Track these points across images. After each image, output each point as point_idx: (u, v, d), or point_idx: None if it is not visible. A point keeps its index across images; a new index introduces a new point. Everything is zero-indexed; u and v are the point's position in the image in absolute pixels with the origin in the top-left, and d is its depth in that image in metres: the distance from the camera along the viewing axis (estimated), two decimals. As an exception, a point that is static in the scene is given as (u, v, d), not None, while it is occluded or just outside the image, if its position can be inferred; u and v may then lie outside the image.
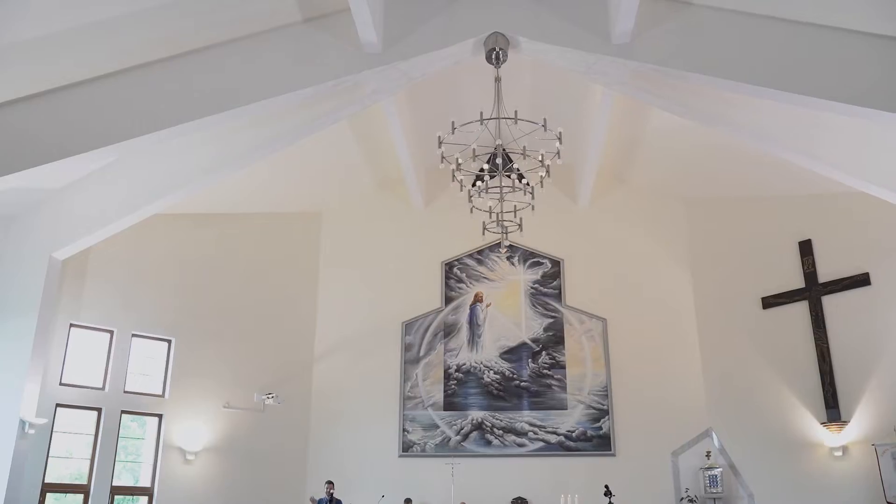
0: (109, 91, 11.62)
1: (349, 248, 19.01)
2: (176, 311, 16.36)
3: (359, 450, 17.21)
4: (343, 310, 18.44)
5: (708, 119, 12.96)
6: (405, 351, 18.10)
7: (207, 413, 16.23)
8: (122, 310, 15.65)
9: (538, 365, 17.74)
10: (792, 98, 10.81)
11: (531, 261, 18.55)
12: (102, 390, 15.17)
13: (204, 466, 15.94)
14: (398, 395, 17.73)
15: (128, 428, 15.53)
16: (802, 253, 16.18)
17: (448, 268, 18.68)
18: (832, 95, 10.43)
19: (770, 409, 15.94)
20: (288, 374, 17.48)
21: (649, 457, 16.60)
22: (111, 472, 14.80)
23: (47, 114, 11.46)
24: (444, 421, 17.50)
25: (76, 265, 14.98)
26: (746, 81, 10.92)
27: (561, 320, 18.06)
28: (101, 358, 15.39)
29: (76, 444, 14.82)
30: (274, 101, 11.89)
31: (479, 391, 17.64)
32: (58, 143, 11.40)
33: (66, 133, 11.47)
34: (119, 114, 11.53)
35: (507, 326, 18.13)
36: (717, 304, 17.38)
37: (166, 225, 16.28)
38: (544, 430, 17.24)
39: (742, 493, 15.98)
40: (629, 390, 17.34)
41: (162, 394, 15.96)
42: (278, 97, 11.79)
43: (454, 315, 18.32)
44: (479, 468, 16.84)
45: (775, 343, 16.21)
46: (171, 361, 16.17)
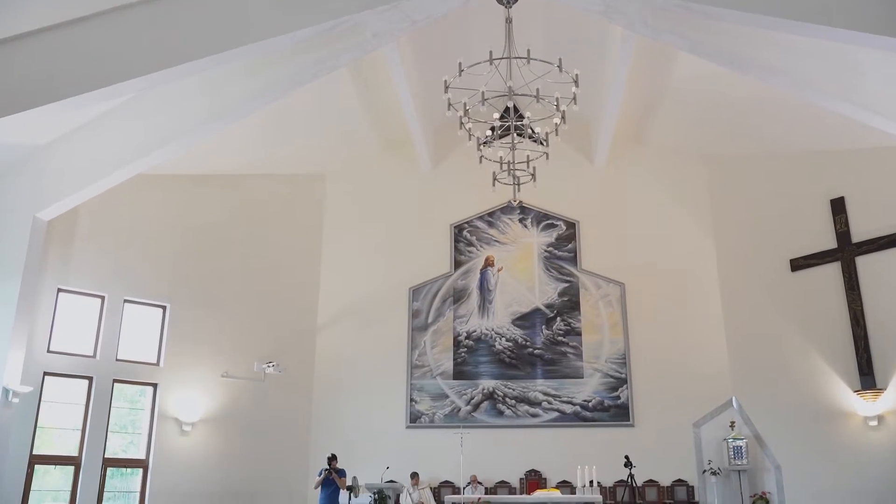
0: (93, 34, 10.74)
1: (354, 211, 18.21)
2: (171, 275, 15.61)
3: (364, 421, 16.53)
4: (348, 275, 17.67)
5: (738, 63, 11.95)
6: (413, 318, 17.34)
7: (205, 382, 15.54)
8: (113, 274, 14.89)
9: (552, 332, 16.92)
10: (836, 35, 9.78)
11: (545, 223, 17.67)
12: (93, 358, 14.46)
13: (201, 438, 15.26)
14: (405, 364, 17.00)
15: (121, 398, 14.79)
16: (834, 211, 15.24)
17: (457, 231, 17.83)
18: (882, 30, 9.41)
19: (798, 377, 15.09)
20: (290, 342, 16.77)
21: (670, 427, 15.88)
22: (103, 443, 14.14)
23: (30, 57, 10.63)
24: (454, 390, 16.74)
25: (64, 227, 14.21)
26: (785, 16, 9.86)
27: (576, 285, 17.20)
28: (91, 325, 14.64)
29: (66, 414, 14.12)
30: (267, 45, 10.98)
31: (491, 359, 16.87)
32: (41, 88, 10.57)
33: (48, 78, 10.64)
34: (103, 58, 10.65)
35: (520, 291, 17.29)
36: (741, 268, 16.49)
37: (162, 185, 15.54)
38: (559, 400, 16.46)
39: (768, 465, 15.27)
40: (648, 358, 16.54)
41: (156, 362, 15.25)
42: (272, 40, 10.86)
43: (464, 280, 17.50)
44: (491, 440, 16.14)
45: (804, 307, 15.32)
46: (165, 329, 15.44)
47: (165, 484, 14.47)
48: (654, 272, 16.99)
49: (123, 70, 10.67)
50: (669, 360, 16.37)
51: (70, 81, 10.66)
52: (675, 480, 15.78)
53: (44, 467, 13.66)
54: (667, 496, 15.64)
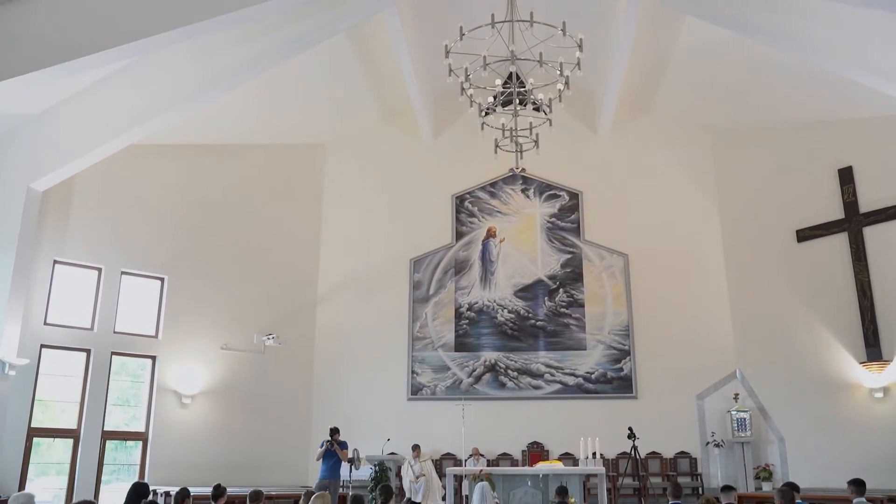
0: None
1: (354, 181, 17.93)
2: (169, 247, 15.40)
3: (365, 393, 16.42)
4: (348, 246, 17.46)
5: (745, 28, 11.71)
6: (414, 289, 17.15)
7: (204, 355, 15.40)
8: (110, 246, 14.68)
9: (555, 303, 16.73)
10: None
11: (548, 193, 17.41)
12: (91, 331, 14.31)
13: (201, 411, 15.16)
14: (406, 336, 16.85)
15: (120, 370, 14.67)
16: (842, 181, 14.97)
17: (459, 201, 17.58)
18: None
19: (803, 349, 14.92)
20: (290, 314, 16.61)
21: (673, 399, 15.76)
22: (102, 416, 14.03)
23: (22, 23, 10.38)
24: (456, 362, 16.61)
25: (59, 197, 13.98)
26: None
27: (579, 256, 16.98)
28: (88, 297, 14.46)
29: (64, 387, 13.99)
30: (263, 9, 10.69)
31: (493, 331, 16.70)
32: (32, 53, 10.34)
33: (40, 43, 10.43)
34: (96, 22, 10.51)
35: (522, 263, 17.07)
36: (746, 238, 16.24)
37: (159, 156, 15.28)
38: (562, 372, 16.32)
39: (772, 437, 15.24)
40: (652, 330, 16.36)
41: (155, 335, 15.09)
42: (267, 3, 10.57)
43: (465, 251, 17.28)
44: (493, 412, 16.03)
45: (810, 278, 15.12)
46: (164, 301, 15.26)
47: (165, 456, 14.39)
48: (658, 243, 16.74)
49: (116, 35, 10.50)
50: (673, 331, 16.18)
51: (62, 47, 10.49)
52: (678, 452, 15.68)
53: (43, 440, 13.57)
54: (669, 468, 15.56)
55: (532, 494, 11.90)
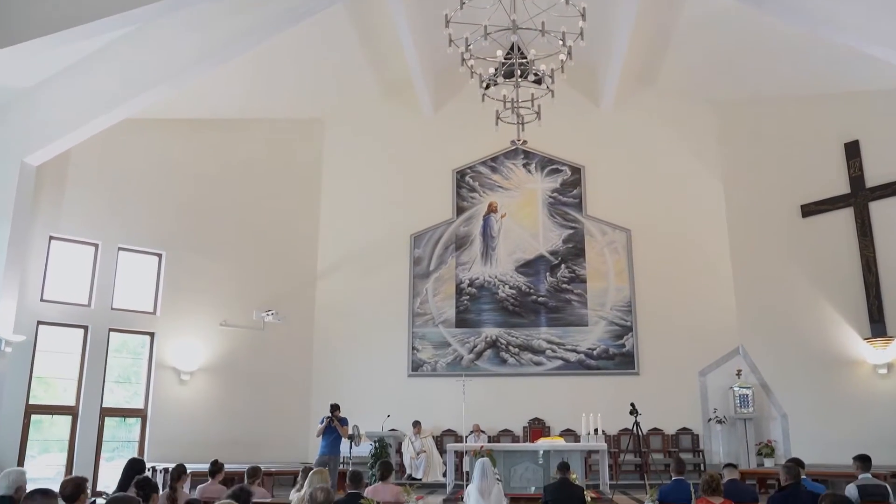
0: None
1: (354, 156, 17.71)
2: (167, 223, 15.22)
3: (366, 369, 16.32)
4: (348, 222, 17.29)
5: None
6: (414, 265, 17.00)
7: (203, 331, 15.28)
8: (107, 221, 14.50)
9: (557, 279, 16.58)
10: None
11: (549, 168, 17.19)
12: (88, 307, 14.17)
13: (200, 387, 15.07)
14: (407, 312, 16.73)
15: (119, 347, 14.55)
16: (848, 155, 14.77)
17: (460, 176, 17.38)
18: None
19: (807, 325, 14.80)
20: (289, 290, 16.47)
21: (675, 376, 15.69)
22: (100, 392, 13.93)
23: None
24: (456, 339, 16.50)
25: (54, 172, 13.79)
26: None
27: (581, 231, 16.80)
28: (85, 273, 14.30)
29: (62, 364, 13.88)
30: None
31: (494, 307, 16.57)
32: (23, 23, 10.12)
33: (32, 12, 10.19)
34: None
35: (524, 238, 16.90)
36: (750, 213, 16.06)
37: (155, 130, 15.07)
38: (563, 348, 16.21)
39: (775, 414, 15.19)
40: (654, 306, 16.22)
41: (153, 311, 14.95)
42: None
43: (466, 226, 17.10)
44: (494, 388, 15.92)
45: (814, 253, 14.97)
46: (161, 277, 15.11)
47: (165, 433, 14.31)
48: (660, 218, 16.56)
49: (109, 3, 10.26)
50: (676, 307, 16.05)
51: (54, 16, 10.34)
52: (680, 429, 15.61)
53: (41, 417, 13.49)
54: (671, 444, 15.49)
55: (533, 470, 11.83)
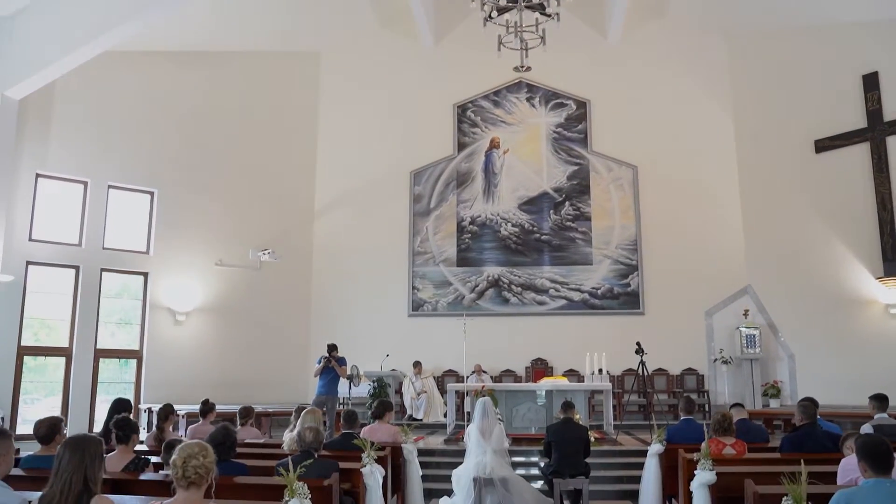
0: None
1: (351, 91, 17.06)
2: (158, 159, 14.74)
3: (365, 309, 16.03)
4: (346, 159, 16.77)
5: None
6: (414, 203, 16.56)
7: (198, 271, 14.94)
8: (96, 158, 14.02)
9: (561, 216, 16.15)
10: None
11: (554, 102, 16.61)
12: (79, 247, 13.79)
13: (196, 328, 14.80)
14: (407, 251, 16.35)
15: (111, 287, 14.22)
16: (866, 87, 14.22)
17: (461, 111, 16.81)
18: None
19: (817, 264, 14.42)
20: (286, 229, 16.08)
21: (681, 316, 15.40)
22: (94, 334, 13.64)
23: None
24: (457, 278, 16.15)
25: (39, 106, 13.27)
26: None
27: (586, 168, 16.30)
28: (75, 212, 13.87)
29: (54, 305, 13.57)
30: None
31: (496, 245, 16.18)
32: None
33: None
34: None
35: (527, 175, 16.41)
36: (761, 149, 15.52)
37: (144, 63, 14.50)
38: (567, 287, 15.88)
39: (782, 354, 14.94)
40: (661, 244, 15.83)
41: (146, 251, 14.57)
42: None
43: (468, 163, 16.59)
44: (496, 328, 15.64)
45: (827, 190, 14.51)
46: (154, 216, 14.69)
47: (161, 374, 14.08)
48: (668, 154, 16.05)
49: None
50: (683, 246, 15.66)
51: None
52: (685, 369, 15.39)
53: (33, 358, 13.24)
54: (676, 385, 15.29)
55: (535, 411, 11.62)
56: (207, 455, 3.42)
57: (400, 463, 7.47)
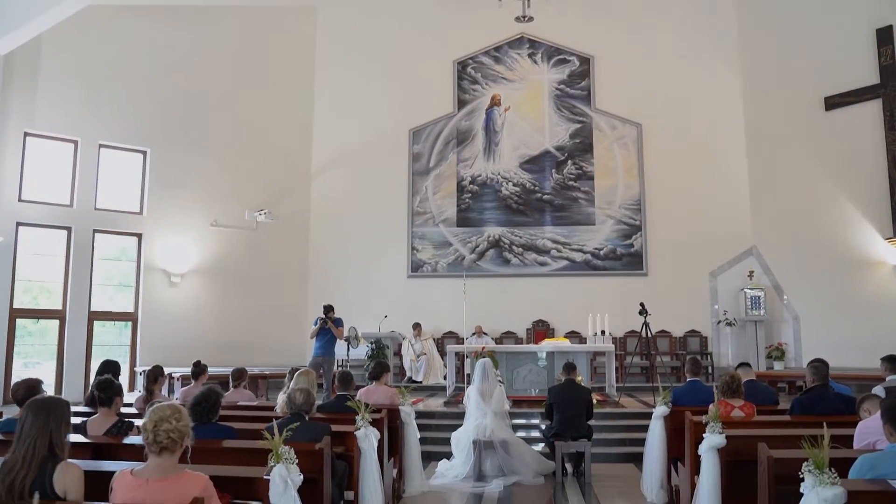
0: None
1: (349, 47, 16.59)
2: (150, 118, 14.36)
3: (364, 270, 15.81)
4: (343, 117, 16.37)
5: None
6: (413, 161, 16.20)
7: (193, 232, 14.65)
8: (86, 116, 13.65)
9: (563, 176, 15.82)
10: None
11: (556, 58, 16.17)
12: (70, 207, 13.48)
13: (192, 290, 14.55)
14: (406, 211, 16.06)
15: (104, 248, 13.94)
16: (879, 42, 13.78)
17: (461, 67, 16.38)
18: None
19: (825, 224, 14.14)
20: (283, 189, 15.77)
21: (685, 277, 15.17)
22: (88, 296, 13.40)
23: None
24: (458, 238, 15.87)
25: (25, 63, 12.88)
26: None
27: (589, 126, 15.93)
28: (66, 172, 13.54)
29: (47, 267, 13.31)
30: None
31: (497, 205, 15.87)
32: None
33: None
34: None
35: (529, 133, 16.04)
36: (769, 107, 15.14)
37: (138, 17, 14.10)
38: (569, 248, 15.60)
39: (787, 316, 14.73)
40: (665, 204, 15.53)
41: (139, 211, 14.27)
42: None
43: (468, 120, 16.21)
44: (496, 289, 15.44)
45: (837, 149, 14.15)
46: (147, 175, 14.35)
47: (157, 337, 13.87)
48: (673, 112, 15.70)
49: None
50: (687, 206, 15.37)
51: None
52: (688, 331, 15.19)
53: (26, 321, 13.02)
54: (679, 347, 15.09)
55: (536, 373, 11.42)
56: (181, 418, 3.16)
57: (397, 425, 7.24)
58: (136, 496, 3.01)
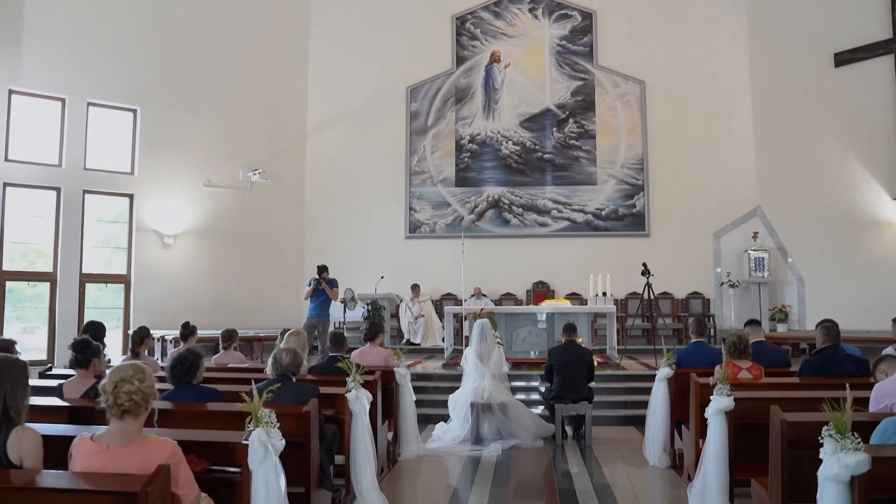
0: None
1: (344, 1, 16.11)
2: (140, 75, 13.93)
3: (361, 231, 15.58)
4: (339, 75, 15.98)
5: None
6: (411, 120, 15.84)
7: (185, 192, 14.33)
8: (73, 74, 13.22)
9: (564, 134, 15.46)
10: None
11: (558, 13, 15.75)
12: (59, 168, 13.11)
13: (185, 251, 14.27)
14: (404, 171, 15.74)
15: (95, 209, 13.63)
16: (893, -4, 13.32)
17: (459, 23, 15.94)
18: None
19: (831, 184, 13.86)
20: (278, 148, 15.43)
21: (688, 238, 14.91)
22: (79, 258, 13.11)
23: None
24: (456, 198, 15.56)
25: (7, 17, 12.45)
26: None
27: (592, 83, 15.54)
28: (54, 131, 13.16)
29: (36, 228, 13.02)
30: None
31: (496, 164, 15.53)
32: None
33: None
34: None
35: (529, 90, 15.65)
36: (777, 63, 14.74)
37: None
38: (570, 208, 15.31)
39: (791, 278, 14.48)
40: (668, 163, 15.21)
41: (130, 171, 13.92)
42: None
43: (467, 78, 15.81)
44: (496, 251, 15.19)
45: (846, 106, 13.84)
46: (138, 134, 13.97)
47: (150, 299, 13.61)
48: (678, 69, 15.34)
49: None
50: (691, 165, 15.07)
51: None
52: (691, 293, 14.95)
53: (16, 283, 12.77)
54: (681, 309, 14.86)
55: (536, 334, 11.21)
56: (144, 378, 2.90)
57: (392, 388, 7.03)
58: (96, 463, 2.77)
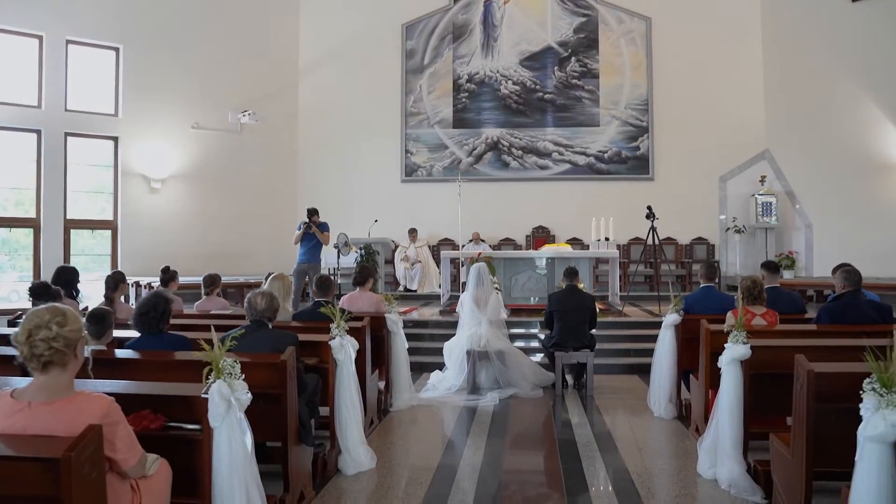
0: None
1: (335, -69, 15.44)
2: (122, 11, 13.32)
3: (355, 175, 15.15)
4: (332, 11, 15.45)
5: None
6: (406, 59, 15.29)
7: (173, 135, 13.82)
8: (50, 9, 12.61)
9: (566, 74, 14.92)
10: None
11: (561, -56, 15.04)
12: (39, 109, 12.58)
13: (173, 195, 13.83)
14: (399, 112, 15.22)
15: (78, 153, 13.11)
16: (915, -77, 12.57)
17: (457, -46, 15.28)
18: None
19: (844, 126, 13.30)
20: (269, 89, 14.90)
21: (693, 181, 14.47)
22: (62, 203, 12.66)
23: None
24: (454, 140, 15.06)
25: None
26: None
27: (595, 19, 14.97)
28: (32, 70, 12.57)
29: (17, 172, 12.53)
30: None
31: (495, 105, 15.02)
32: None
33: None
34: None
35: (530, 27, 15.07)
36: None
37: None
38: (571, 151, 14.82)
39: (799, 224, 14.03)
40: (674, 104, 14.74)
41: (114, 113, 13.36)
42: None
43: (465, 14, 15.21)
44: (495, 195, 14.78)
45: (862, 44, 13.20)
46: (121, 74, 13.38)
47: (137, 245, 13.23)
48: (685, 4, 14.83)
49: None
50: (697, 106, 14.63)
51: None
52: (695, 238, 14.57)
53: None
54: (685, 255, 14.48)
55: (536, 280, 10.83)
56: (65, 322, 2.44)
57: (383, 335, 6.66)
58: (17, 422, 2.35)
